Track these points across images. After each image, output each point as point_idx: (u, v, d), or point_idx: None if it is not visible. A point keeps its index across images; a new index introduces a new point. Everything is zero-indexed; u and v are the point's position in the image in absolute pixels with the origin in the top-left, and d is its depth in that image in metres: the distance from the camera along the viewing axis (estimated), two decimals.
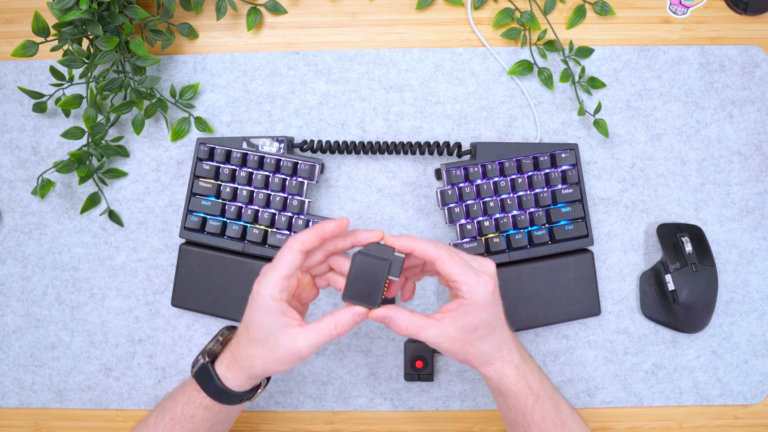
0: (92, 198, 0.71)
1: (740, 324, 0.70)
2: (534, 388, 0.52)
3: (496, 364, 0.51)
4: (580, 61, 0.71)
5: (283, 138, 0.69)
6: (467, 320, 0.49)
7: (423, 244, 0.50)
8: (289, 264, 0.50)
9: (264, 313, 0.49)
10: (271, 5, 0.72)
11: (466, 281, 0.49)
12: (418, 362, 0.66)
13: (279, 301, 0.49)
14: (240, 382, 0.52)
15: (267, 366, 0.50)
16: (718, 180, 0.71)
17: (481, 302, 0.49)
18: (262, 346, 0.50)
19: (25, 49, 0.63)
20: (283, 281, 0.49)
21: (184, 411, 0.53)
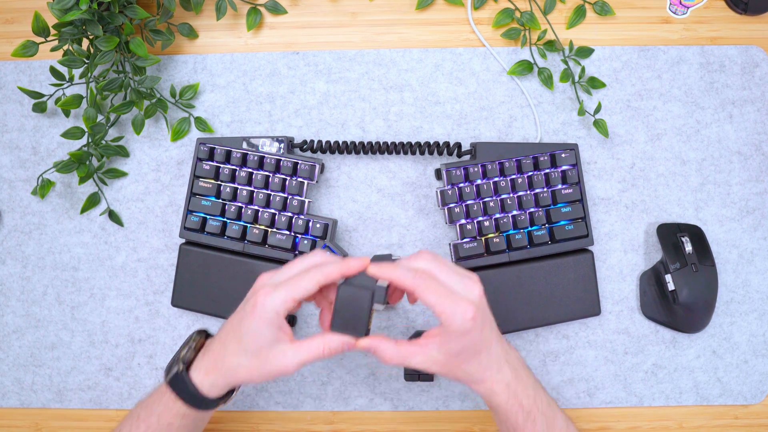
0: (92, 198, 0.71)
1: (740, 324, 0.70)
2: (525, 406, 0.53)
3: (486, 383, 0.52)
4: (580, 61, 0.71)
5: (283, 138, 0.69)
6: (450, 346, 0.50)
7: (401, 274, 0.50)
8: (305, 291, 0.50)
9: (264, 325, 0.49)
10: (271, 5, 0.72)
11: (444, 310, 0.48)
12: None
13: (281, 317, 0.50)
14: (218, 390, 0.52)
15: (251, 377, 0.51)
16: (718, 180, 0.71)
17: (460, 330, 0.48)
18: (253, 358, 0.50)
19: (25, 49, 0.63)
20: (292, 303, 0.50)
21: (160, 420, 0.53)
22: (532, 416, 0.53)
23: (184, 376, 0.52)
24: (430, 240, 0.71)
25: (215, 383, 0.52)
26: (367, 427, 0.70)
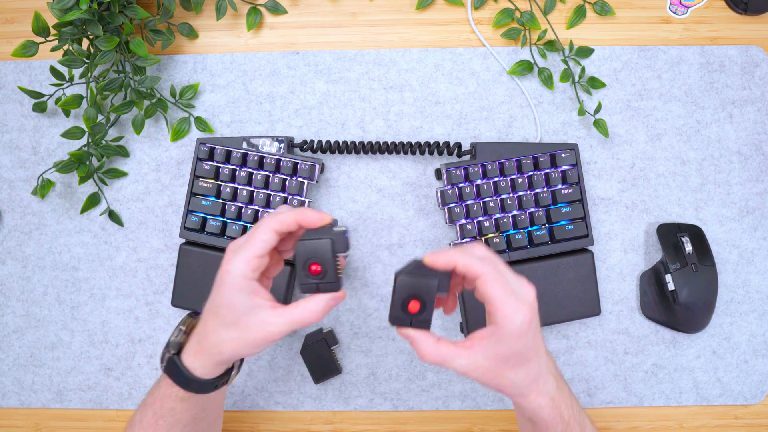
0: (92, 198, 0.71)
1: (740, 324, 0.70)
2: (565, 417, 0.50)
3: (531, 396, 0.48)
4: (580, 61, 0.71)
5: (283, 138, 0.69)
6: (500, 350, 0.46)
7: (467, 260, 0.46)
8: (264, 243, 0.47)
9: (235, 292, 0.47)
10: (271, 5, 0.72)
11: (504, 308, 0.45)
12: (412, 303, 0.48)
13: (250, 281, 0.47)
14: (209, 370, 0.50)
15: (237, 350, 0.48)
16: (718, 180, 0.71)
17: (516, 332, 0.45)
18: (233, 329, 0.48)
19: (25, 49, 0.63)
20: (256, 260, 0.47)
21: (163, 405, 0.52)
22: (570, 426, 0.50)
23: (175, 360, 0.51)
24: (430, 240, 0.71)
25: (204, 364, 0.50)
26: (367, 427, 0.70)
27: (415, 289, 0.47)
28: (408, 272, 0.47)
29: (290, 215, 0.48)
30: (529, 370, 0.47)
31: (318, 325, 0.70)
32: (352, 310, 0.70)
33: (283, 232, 0.48)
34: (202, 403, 0.53)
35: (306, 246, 0.48)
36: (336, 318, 0.70)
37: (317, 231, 0.49)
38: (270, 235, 0.47)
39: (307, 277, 0.48)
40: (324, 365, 0.69)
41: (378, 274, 0.70)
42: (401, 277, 0.47)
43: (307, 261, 0.48)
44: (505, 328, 0.45)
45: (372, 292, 0.70)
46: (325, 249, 0.48)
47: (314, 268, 0.48)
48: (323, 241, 0.48)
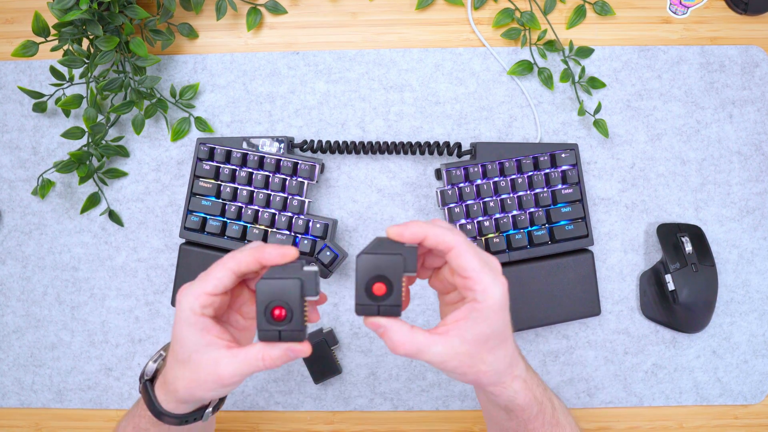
0: (92, 198, 0.71)
1: (740, 324, 0.70)
2: (538, 397, 0.48)
3: (506, 381, 0.45)
4: (580, 61, 0.71)
5: (283, 138, 0.69)
6: (479, 329, 0.42)
7: (437, 230, 0.42)
8: (217, 281, 0.44)
9: (184, 328, 0.44)
10: (271, 5, 0.72)
11: (482, 280, 0.41)
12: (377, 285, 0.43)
13: (200, 316, 0.43)
14: (173, 406, 0.47)
15: (191, 390, 0.45)
16: (718, 180, 0.71)
17: (496, 307, 0.42)
18: (184, 367, 0.44)
19: (25, 49, 0.63)
20: (206, 297, 0.44)
21: (139, 423, 0.51)
22: (543, 406, 0.48)
23: (147, 387, 0.49)
24: None
25: (167, 399, 0.47)
26: (367, 427, 0.70)
27: (378, 268, 0.42)
28: (369, 251, 0.42)
29: (248, 252, 0.44)
30: (506, 351, 0.45)
31: (318, 325, 0.70)
32: (351, 310, 0.70)
33: (242, 272, 0.44)
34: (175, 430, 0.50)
35: (269, 286, 0.41)
36: (336, 318, 0.71)
37: (285, 269, 0.42)
38: (225, 274, 0.44)
39: (268, 323, 0.42)
40: (324, 365, 0.69)
41: None
42: (362, 257, 0.42)
43: (270, 304, 0.41)
44: (484, 302, 0.42)
45: None
46: (292, 290, 0.41)
47: (277, 313, 0.42)
48: (290, 281, 0.41)
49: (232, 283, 0.44)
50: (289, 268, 0.43)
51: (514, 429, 0.50)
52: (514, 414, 0.48)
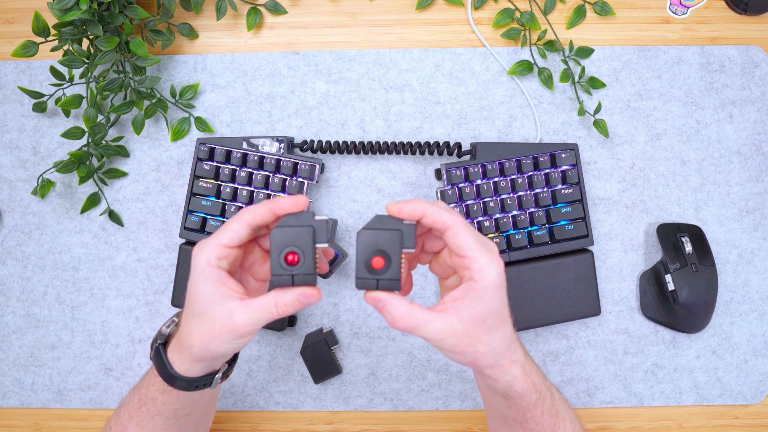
0: (92, 198, 0.71)
1: (740, 324, 0.70)
2: (537, 385, 0.48)
3: (504, 365, 0.46)
4: (580, 61, 0.71)
5: (283, 138, 0.69)
6: (476, 309, 0.43)
7: (435, 209, 0.43)
8: (233, 233, 0.45)
9: (200, 280, 0.45)
10: (271, 5, 0.72)
11: (478, 259, 0.42)
12: (376, 260, 0.44)
13: (216, 268, 0.44)
14: (187, 366, 0.48)
15: (205, 343, 0.45)
16: (718, 180, 0.71)
17: (492, 286, 0.42)
18: (200, 320, 0.45)
19: (25, 49, 0.63)
20: (222, 248, 0.44)
21: (147, 392, 0.51)
22: (542, 394, 0.48)
23: (160, 351, 0.49)
24: None
25: (182, 359, 0.48)
26: (367, 427, 0.70)
27: (377, 243, 0.43)
28: (369, 227, 0.44)
29: (262, 204, 0.46)
30: (504, 332, 0.45)
31: (318, 325, 0.70)
32: (351, 310, 0.71)
33: (257, 224, 0.45)
34: (184, 399, 0.51)
35: (283, 233, 0.44)
36: (336, 318, 0.71)
37: (297, 218, 0.44)
38: (240, 226, 0.45)
39: (281, 267, 0.44)
40: (324, 365, 0.69)
41: None
42: (362, 232, 0.43)
43: (284, 249, 0.43)
44: (481, 281, 0.42)
45: None
46: (304, 237, 0.43)
47: (290, 258, 0.44)
48: (302, 229, 0.44)
49: (248, 236, 0.45)
50: (301, 217, 0.44)
51: (513, 417, 0.50)
52: (512, 401, 0.48)
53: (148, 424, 0.52)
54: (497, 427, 0.54)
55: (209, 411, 0.58)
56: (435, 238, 0.48)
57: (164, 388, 0.49)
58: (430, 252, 0.49)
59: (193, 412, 0.54)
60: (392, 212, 0.44)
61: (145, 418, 0.52)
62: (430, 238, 0.48)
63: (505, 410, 0.50)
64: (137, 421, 0.52)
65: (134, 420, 0.52)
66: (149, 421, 0.52)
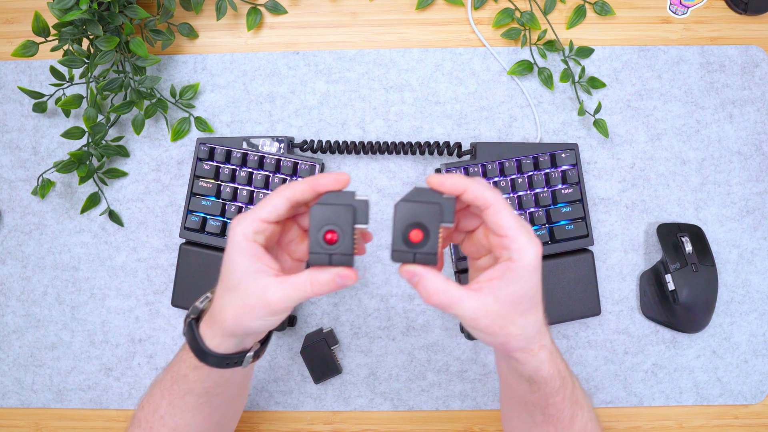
0: (92, 198, 0.71)
1: (740, 324, 0.70)
2: (562, 371, 0.47)
3: (534, 349, 0.44)
4: (580, 61, 0.71)
5: (283, 138, 0.69)
6: (512, 290, 0.42)
7: (477, 186, 0.43)
8: (272, 208, 0.44)
9: (236, 253, 0.44)
10: (271, 5, 0.72)
11: (518, 239, 0.41)
12: (414, 232, 0.43)
13: (252, 242, 0.44)
14: (218, 341, 0.47)
15: (238, 317, 0.45)
16: (718, 180, 0.71)
17: (531, 267, 0.41)
18: (234, 294, 0.45)
19: (25, 49, 0.63)
20: (259, 222, 0.44)
21: (179, 370, 0.50)
22: (565, 381, 0.48)
23: (192, 326, 0.48)
24: None
25: (214, 334, 0.47)
26: (367, 427, 0.70)
27: (416, 215, 0.42)
28: (409, 198, 0.43)
29: (303, 181, 0.45)
30: (536, 317, 0.44)
31: (318, 325, 0.70)
32: (351, 310, 0.71)
33: (297, 200, 0.45)
34: (215, 378, 0.50)
35: (323, 210, 0.43)
36: (336, 318, 0.71)
37: (337, 196, 0.44)
38: (280, 201, 0.44)
39: (319, 245, 0.43)
40: (324, 365, 0.69)
41: (378, 274, 0.70)
42: (401, 204, 0.43)
43: (323, 227, 0.43)
44: (520, 261, 0.41)
45: (372, 292, 0.70)
46: (344, 216, 0.43)
47: (329, 237, 0.43)
48: (343, 207, 0.43)
49: (287, 212, 0.45)
50: (342, 196, 0.44)
51: (534, 402, 0.49)
52: (537, 386, 0.47)
53: (180, 402, 0.51)
54: (515, 413, 0.53)
55: (241, 394, 0.58)
56: (471, 216, 0.47)
57: (195, 364, 0.49)
58: (463, 230, 0.48)
59: (225, 392, 0.53)
60: (433, 185, 0.43)
61: (176, 397, 0.51)
62: (466, 216, 0.47)
63: (527, 395, 0.49)
64: (169, 399, 0.51)
65: (166, 398, 0.52)
66: (180, 400, 0.51)
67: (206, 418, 0.53)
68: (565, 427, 0.50)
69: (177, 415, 0.52)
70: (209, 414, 0.53)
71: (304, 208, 0.48)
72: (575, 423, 0.50)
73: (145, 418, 0.53)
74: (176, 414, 0.52)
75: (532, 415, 0.50)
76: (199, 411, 0.52)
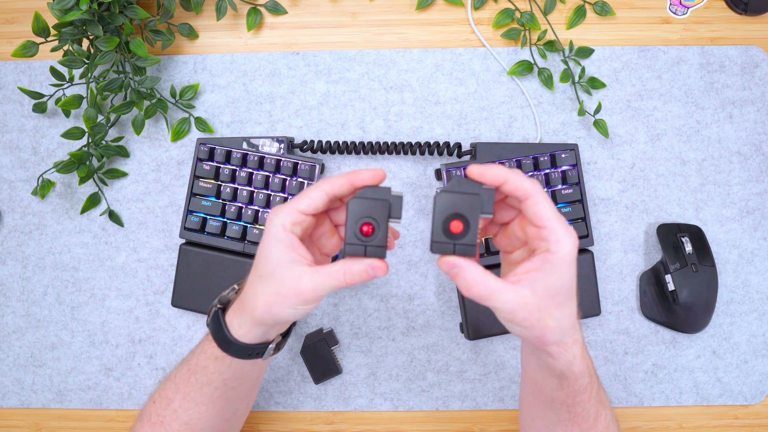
0: (92, 198, 0.71)
1: (740, 324, 0.70)
2: (591, 369, 0.47)
3: (568, 343, 0.44)
4: (580, 62, 0.71)
5: (284, 138, 0.69)
6: (550, 281, 0.42)
7: (517, 177, 0.43)
8: (310, 200, 0.45)
9: (272, 243, 0.45)
10: (271, 5, 0.72)
11: (557, 230, 0.42)
12: (454, 223, 0.44)
13: (289, 233, 0.45)
14: (245, 330, 0.48)
15: (270, 305, 0.46)
16: (718, 180, 0.71)
17: (568, 259, 0.42)
18: (267, 282, 0.46)
19: (25, 49, 0.63)
20: (298, 214, 0.45)
21: (198, 361, 0.51)
22: (592, 378, 0.47)
23: (219, 314, 0.49)
24: None
25: (242, 323, 0.48)
26: (367, 427, 0.70)
27: (457, 206, 0.43)
28: (449, 189, 0.43)
29: (341, 175, 0.46)
30: (572, 309, 0.44)
31: (318, 325, 0.70)
32: (352, 310, 0.71)
33: (335, 193, 0.46)
34: (235, 369, 0.51)
35: (360, 204, 0.44)
36: (336, 318, 0.71)
37: (374, 191, 0.45)
38: (318, 194, 0.45)
39: (355, 237, 0.45)
40: (324, 365, 0.69)
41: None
42: (442, 194, 0.43)
43: (360, 219, 0.44)
44: (558, 253, 0.42)
45: (372, 292, 0.70)
46: (380, 210, 0.44)
47: (366, 229, 0.44)
48: (380, 202, 0.44)
49: (324, 205, 0.46)
50: (378, 191, 0.45)
51: (561, 400, 0.49)
52: (567, 382, 0.47)
53: (196, 395, 0.52)
54: (537, 412, 0.53)
55: (253, 390, 0.58)
56: (507, 208, 0.47)
57: (217, 355, 0.50)
58: (498, 222, 0.48)
59: (241, 385, 0.53)
60: (474, 175, 0.44)
61: (193, 389, 0.51)
62: (502, 208, 0.48)
63: (555, 392, 0.49)
64: (184, 392, 0.52)
65: (181, 391, 0.52)
66: (197, 392, 0.51)
67: (219, 412, 0.53)
68: (590, 426, 0.49)
69: (191, 408, 0.52)
70: (223, 408, 0.53)
71: (339, 203, 0.49)
72: (599, 422, 0.50)
73: (157, 412, 0.53)
74: (190, 407, 0.52)
75: (558, 414, 0.50)
76: (213, 404, 0.52)
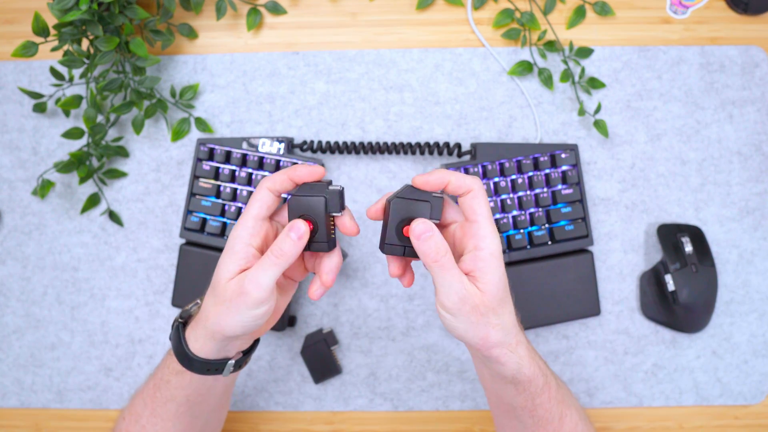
0: (92, 198, 0.71)
1: (740, 324, 0.70)
2: (542, 369, 0.48)
3: (512, 344, 0.46)
4: (580, 62, 0.71)
5: (283, 138, 0.69)
6: (487, 278, 0.44)
7: (458, 176, 0.45)
8: (260, 202, 0.46)
9: (227, 257, 0.46)
10: (271, 5, 0.72)
11: (486, 226, 0.44)
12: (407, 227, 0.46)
13: (248, 246, 0.46)
14: (200, 344, 0.48)
15: (218, 315, 0.46)
16: (718, 180, 0.71)
17: (497, 254, 0.44)
18: (214, 292, 0.46)
19: (25, 49, 0.63)
20: (255, 222, 0.46)
21: (162, 375, 0.51)
22: (547, 378, 0.49)
23: (180, 328, 0.49)
24: None
25: (197, 336, 0.48)
26: (367, 427, 0.70)
27: (410, 211, 0.46)
28: (402, 195, 0.46)
29: (280, 171, 0.47)
30: (511, 307, 0.46)
31: (318, 325, 0.70)
32: (352, 310, 0.71)
33: (277, 189, 0.47)
34: (196, 385, 0.50)
35: (298, 202, 0.46)
36: (336, 318, 0.71)
37: (313, 188, 0.47)
38: (264, 194, 0.46)
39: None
40: (324, 365, 0.69)
41: (378, 274, 0.70)
42: (396, 200, 0.46)
43: (299, 218, 0.46)
44: (486, 249, 0.44)
45: (372, 292, 0.70)
46: (317, 206, 0.46)
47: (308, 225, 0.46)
48: (316, 199, 0.46)
49: (273, 203, 0.47)
50: (316, 187, 0.47)
51: (522, 405, 0.49)
52: (521, 386, 0.48)
53: (161, 410, 0.52)
54: (505, 421, 0.54)
55: (222, 405, 0.58)
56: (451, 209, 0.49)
57: (178, 369, 0.49)
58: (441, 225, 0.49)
59: (205, 401, 0.53)
60: (419, 185, 0.46)
61: (159, 404, 0.51)
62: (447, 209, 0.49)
63: (513, 399, 0.50)
64: (152, 408, 0.52)
65: (149, 407, 0.52)
66: (162, 407, 0.51)
67: (186, 427, 0.53)
68: (555, 428, 0.50)
69: (158, 424, 0.52)
70: (190, 423, 0.53)
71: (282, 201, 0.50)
72: (565, 423, 0.51)
73: (126, 429, 0.53)
74: (157, 423, 0.52)
75: (522, 420, 0.51)
76: (179, 420, 0.52)
